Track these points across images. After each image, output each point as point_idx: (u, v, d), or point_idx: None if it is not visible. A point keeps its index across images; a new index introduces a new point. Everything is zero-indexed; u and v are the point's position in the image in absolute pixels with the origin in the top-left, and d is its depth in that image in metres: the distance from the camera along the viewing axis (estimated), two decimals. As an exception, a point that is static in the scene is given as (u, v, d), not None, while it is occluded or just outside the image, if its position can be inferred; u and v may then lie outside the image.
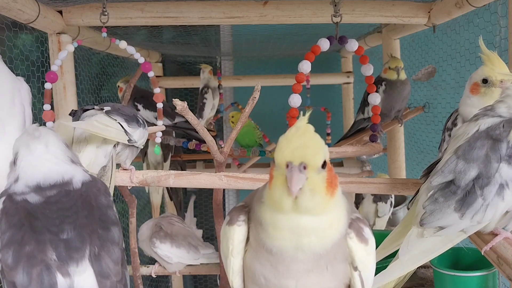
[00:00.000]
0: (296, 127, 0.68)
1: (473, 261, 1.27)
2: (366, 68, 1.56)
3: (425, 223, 0.91)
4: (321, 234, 0.69)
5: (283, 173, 0.66)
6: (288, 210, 0.67)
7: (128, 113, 1.16)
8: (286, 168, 0.65)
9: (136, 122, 1.17)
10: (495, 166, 0.87)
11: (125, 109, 1.18)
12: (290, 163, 0.65)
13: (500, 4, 1.44)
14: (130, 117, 1.16)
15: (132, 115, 1.17)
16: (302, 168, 0.65)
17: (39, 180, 0.81)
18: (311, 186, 0.66)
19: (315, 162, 0.66)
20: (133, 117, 1.17)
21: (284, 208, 0.67)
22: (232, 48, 2.85)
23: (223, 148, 1.24)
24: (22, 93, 1.07)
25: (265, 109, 2.82)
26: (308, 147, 0.66)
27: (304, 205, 0.66)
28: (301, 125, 0.68)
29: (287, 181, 0.65)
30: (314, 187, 0.66)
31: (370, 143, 1.64)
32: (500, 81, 1.12)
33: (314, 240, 0.69)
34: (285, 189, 0.66)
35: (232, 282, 0.79)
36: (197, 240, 1.75)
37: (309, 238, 0.69)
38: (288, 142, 0.66)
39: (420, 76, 2.11)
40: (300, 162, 0.65)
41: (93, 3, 1.54)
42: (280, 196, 0.67)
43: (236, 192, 3.53)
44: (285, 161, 0.65)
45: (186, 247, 1.67)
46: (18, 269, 0.73)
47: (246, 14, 1.59)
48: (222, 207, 1.34)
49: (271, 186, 0.68)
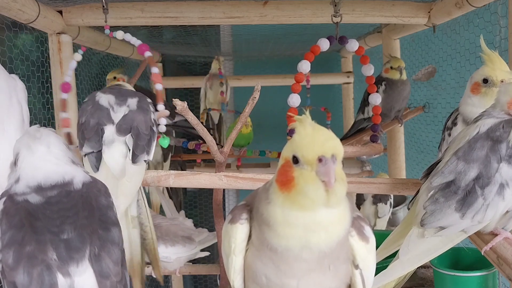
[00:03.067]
0: (309, 124, 0.69)
1: (473, 261, 1.27)
2: (367, 68, 1.56)
3: (425, 223, 0.91)
4: (331, 229, 0.70)
5: (313, 169, 0.66)
6: (320, 205, 0.68)
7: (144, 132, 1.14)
8: (319, 162, 0.66)
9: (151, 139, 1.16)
10: (495, 166, 0.87)
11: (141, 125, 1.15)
12: (323, 156, 0.66)
13: (500, 4, 1.44)
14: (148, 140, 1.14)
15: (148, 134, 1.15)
16: (334, 160, 0.66)
17: (40, 181, 0.82)
18: (341, 176, 0.68)
19: (341, 153, 0.68)
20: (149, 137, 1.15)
21: (318, 203, 0.67)
22: (232, 48, 2.85)
23: (223, 148, 1.24)
24: (18, 92, 1.07)
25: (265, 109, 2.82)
26: (334, 139, 0.68)
27: (339, 196, 0.68)
28: (311, 122, 0.69)
29: (318, 176, 0.66)
30: (342, 177, 0.68)
31: (370, 143, 1.64)
32: (501, 80, 1.12)
33: (323, 236, 0.69)
34: (319, 185, 0.66)
35: (233, 282, 0.79)
36: (188, 230, 1.74)
37: (318, 234, 0.69)
38: (313, 138, 0.67)
39: (420, 76, 2.11)
40: (331, 154, 0.66)
41: (93, 3, 1.54)
42: (314, 193, 0.67)
43: (236, 192, 3.53)
44: (317, 156, 0.66)
45: (181, 242, 1.67)
46: (18, 269, 0.73)
47: (246, 14, 1.59)
48: (222, 207, 1.34)
49: (295, 186, 0.68)
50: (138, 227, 1.13)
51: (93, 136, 1.09)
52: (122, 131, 1.12)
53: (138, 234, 1.13)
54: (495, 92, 1.12)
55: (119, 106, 1.15)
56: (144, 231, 1.13)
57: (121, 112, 1.14)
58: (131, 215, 1.12)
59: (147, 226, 1.13)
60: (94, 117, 1.12)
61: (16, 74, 1.10)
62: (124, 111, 1.14)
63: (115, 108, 1.14)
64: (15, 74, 1.10)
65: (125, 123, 1.13)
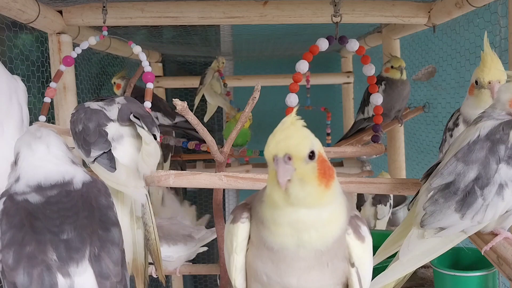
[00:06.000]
0: (281, 123, 0.69)
1: (473, 261, 1.27)
2: (368, 68, 1.56)
3: (425, 224, 0.91)
4: (321, 229, 0.70)
5: (273, 168, 0.67)
6: (282, 204, 0.68)
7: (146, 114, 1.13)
8: (273, 161, 0.67)
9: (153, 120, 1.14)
10: (494, 167, 0.87)
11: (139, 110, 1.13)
12: (275, 156, 0.66)
13: (500, 4, 1.44)
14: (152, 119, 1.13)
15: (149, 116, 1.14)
16: (287, 159, 0.66)
17: (40, 180, 0.82)
18: (299, 176, 0.67)
19: (299, 153, 0.67)
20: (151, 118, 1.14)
21: (278, 202, 0.68)
22: (232, 48, 2.85)
23: (223, 148, 1.24)
24: (19, 93, 1.07)
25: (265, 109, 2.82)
26: (290, 138, 0.67)
27: (294, 196, 0.67)
28: (286, 120, 0.69)
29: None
30: (303, 177, 0.67)
31: (371, 143, 1.63)
32: (488, 82, 1.12)
33: (314, 235, 0.70)
34: (276, 183, 0.67)
35: (234, 281, 0.79)
36: (188, 228, 1.76)
37: (308, 233, 0.69)
38: (272, 137, 0.68)
39: (420, 76, 2.11)
40: (284, 154, 0.66)
41: (93, 3, 1.54)
42: (272, 190, 0.68)
43: (236, 192, 3.53)
44: (272, 155, 0.67)
45: (182, 240, 1.68)
46: (18, 270, 0.73)
47: (246, 14, 1.59)
48: (222, 207, 1.34)
49: (267, 184, 0.70)
50: (143, 227, 1.13)
51: (98, 139, 1.05)
52: (124, 120, 1.10)
53: (142, 234, 1.13)
54: (483, 94, 1.13)
55: (109, 105, 1.13)
56: (148, 232, 1.13)
57: (115, 109, 1.12)
58: (136, 215, 1.12)
59: (150, 227, 1.12)
60: (92, 121, 1.08)
61: (16, 74, 1.10)
62: (117, 107, 1.13)
63: (107, 108, 1.12)
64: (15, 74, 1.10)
65: (124, 113, 1.11)
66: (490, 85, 1.11)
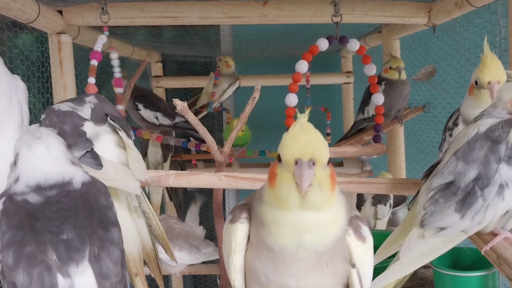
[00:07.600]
0: (300, 125, 0.68)
1: (473, 261, 1.27)
2: (369, 68, 1.56)
3: (425, 224, 0.91)
4: (322, 230, 0.70)
5: (290, 170, 0.67)
6: (294, 207, 0.68)
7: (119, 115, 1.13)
8: (295, 165, 0.66)
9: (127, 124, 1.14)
10: (494, 167, 0.87)
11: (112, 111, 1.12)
12: (299, 159, 0.66)
13: (500, 4, 1.44)
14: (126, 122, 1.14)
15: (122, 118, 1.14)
16: (312, 164, 0.66)
17: (39, 180, 0.81)
18: (319, 182, 0.67)
19: (323, 158, 0.67)
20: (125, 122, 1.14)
21: (291, 205, 0.68)
22: (232, 48, 2.85)
23: (223, 148, 1.24)
24: (19, 92, 1.07)
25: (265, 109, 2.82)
26: (317, 143, 0.67)
27: (312, 201, 0.67)
28: (304, 122, 0.69)
29: (294, 178, 0.66)
30: (322, 183, 0.67)
31: (371, 143, 1.63)
32: (488, 82, 1.12)
33: (315, 237, 0.70)
34: (293, 186, 0.66)
35: (233, 281, 0.79)
36: (198, 240, 1.75)
37: (310, 234, 0.69)
38: (295, 139, 0.67)
39: (420, 76, 2.11)
40: (309, 159, 0.66)
41: (93, 3, 1.54)
42: (287, 193, 0.67)
43: (236, 192, 3.53)
44: (294, 158, 0.66)
45: (188, 249, 1.67)
46: (18, 270, 0.73)
47: (246, 14, 1.59)
48: (222, 207, 1.34)
49: (275, 184, 0.69)
50: (142, 215, 1.13)
51: (78, 139, 1.02)
52: (99, 121, 1.09)
53: (144, 222, 1.14)
54: (483, 94, 1.13)
55: (81, 105, 1.10)
56: (148, 218, 1.14)
57: (87, 108, 1.10)
58: (133, 205, 1.12)
59: (149, 213, 1.14)
60: (67, 123, 1.04)
61: (16, 74, 1.10)
62: (90, 106, 1.11)
63: (79, 108, 1.10)
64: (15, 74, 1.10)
65: (98, 113, 1.09)
66: (490, 85, 1.11)
